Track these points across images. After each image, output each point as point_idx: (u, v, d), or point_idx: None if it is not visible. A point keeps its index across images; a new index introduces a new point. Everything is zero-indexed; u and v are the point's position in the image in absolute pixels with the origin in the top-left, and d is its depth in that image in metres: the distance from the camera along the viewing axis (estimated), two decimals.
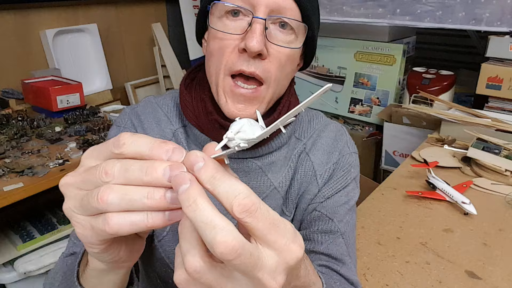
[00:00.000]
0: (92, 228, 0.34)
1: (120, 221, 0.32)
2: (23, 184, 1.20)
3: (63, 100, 1.69)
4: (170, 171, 0.32)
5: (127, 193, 0.32)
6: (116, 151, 0.34)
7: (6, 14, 1.81)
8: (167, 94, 0.79)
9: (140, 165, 0.32)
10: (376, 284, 0.80)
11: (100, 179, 0.33)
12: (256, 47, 0.58)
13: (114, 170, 0.33)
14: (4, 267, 1.41)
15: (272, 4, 0.60)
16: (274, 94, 0.66)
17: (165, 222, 0.33)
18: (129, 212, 0.32)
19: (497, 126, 1.36)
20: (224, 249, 0.29)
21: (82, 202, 0.34)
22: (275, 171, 0.74)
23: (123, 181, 0.32)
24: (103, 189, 0.32)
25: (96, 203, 0.32)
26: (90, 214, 0.34)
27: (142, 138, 0.34)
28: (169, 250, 0.79)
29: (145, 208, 0.32)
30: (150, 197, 0.32)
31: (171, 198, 0.32)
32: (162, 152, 0.33)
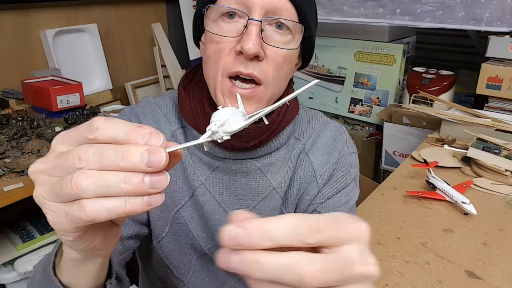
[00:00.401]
0: (66, 215, 0.32)
1: (96, 207, 0.31)
2: (23, 184, 1.20)
3: (63, 100, 1.69)
4: (148, 156, 0.30)
5: (102, 178, 0.30)
6: (89, 136, 0.32)
7: (6, 14, 1.81)
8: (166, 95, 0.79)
9: (116, 150, 0.31)
10: (376, 284, 0.80)
11: (73, 164, 0.31)
12: (252, 50, 0.58)
13: (88, 155, 0.31)
14: (4, 267, 1.41)
15: (268, 5, 0.60)
16: (273, 95, 0.66)
17: (144, 207, 0.31)
18: (105, 198, 0.31)
19: (497, 126, 1.36)
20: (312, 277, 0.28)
21: (54, 189, 0.32)
22: (274, 171, 0.74)
23: (98, 166, 0.31)
24: (76, 174, 0.31)
25: (70, 189, 0.31)
26: (64, 201, 0.32)
27: (117, 122, 0.32)
28: (168, 251, 0.79)
29: (122, 194, 0.31)
30: (127, 181, 0.30)
31: (150, 182, 0.31)
32: (139, 136, 0.31)
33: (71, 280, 0.46)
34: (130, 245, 0.71)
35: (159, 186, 0.31)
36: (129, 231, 0.70)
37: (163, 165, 0.31)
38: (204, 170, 0.73)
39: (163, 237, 0.77)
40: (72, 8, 2.05)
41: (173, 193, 0.75)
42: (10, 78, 1.85)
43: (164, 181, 0.31)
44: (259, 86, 0.62)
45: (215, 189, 0.73)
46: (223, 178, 0.72)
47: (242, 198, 0.74)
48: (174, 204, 0.75)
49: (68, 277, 0.46)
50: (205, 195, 0.73)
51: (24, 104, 1.83)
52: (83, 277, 0.46)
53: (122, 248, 0.69)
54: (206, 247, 0.77)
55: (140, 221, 0.74)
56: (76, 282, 0.46)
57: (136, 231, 0.72)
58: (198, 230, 0.76)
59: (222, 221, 0.75)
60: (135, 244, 0.74)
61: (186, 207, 0.75)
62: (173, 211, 0.75)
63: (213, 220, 0.75)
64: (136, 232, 0.72)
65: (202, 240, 0.77)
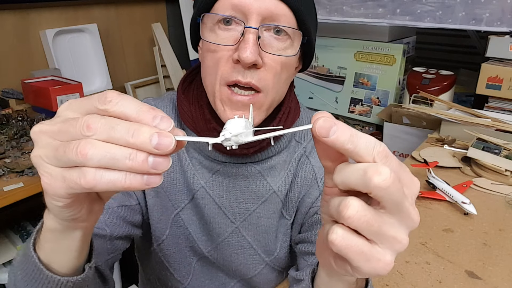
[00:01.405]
0: (64, 180, 0.33)
1: (97, 177, 0.31)
2: (23, 184, 1.20)
3: (63, 100, 1.69)
4: (158, 138, 0.31)
5: (109, 151, 0.31)
6: (100, 106, 0.33)
7: (6, 14, 1.81)
8: (166, 97, 0.79)
9: (127, 126, 0.31)
10: (376, 284, 0.80)
11: (80, 131, 0.32)
12: (249, 58, 0.56)
13: (98, 125, 0.31)
14: (4, 267, 1.41)
15: (265, 11, 0.58)
16: (273, 101, 0.65)
17: (142, 185, 0.32)
18: (107, 169, 0.32)
19: (497, 126, 1.36)
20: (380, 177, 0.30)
21: (57, 153, 0.33)
22: (275, 175, 0.74)
23: (106, 138, 0.31)
24: (83, 142, 0.31)
25: (74, 156, 0.31)
26: (64, 165, 0.33)
27: (130, 99, 0.33)
28: (168, 254, 0.79)
29: (125, 169, 0.31)
30: (132, 158, 0.31)
31: (153, 163, 0.31)
32: (150, 117, 0.32)
33: (49, 256, 0.45)
34: (119, 245, 0.70)
35: (161, 168, 0.32)
36: (120, 231, 0.69)
37: (170, 150, 0.31)
38: (204, 173, 0.73)
39: (163, 240, 0.77)
40: (72, 8, 2.05)
41: (173, 196, 0.74)
42: (10, 78, 1.85)
43: (166, 164, 0.32)
44: (258, 94, 0.61)
45: (215, 192, 0.73)
46: (223, 182, 0.72)
47: (242, 201, 0.74)
48: (174, 207, 0.75)
49: (46, 252, 0.45)
50: (205, 198, 0.73)
51: (24, 104, 1.83)
52: (62, 252, 0.44)
53: (111, 247, 0.68)
54: (206, 250, 0.77)
55: (132, 222, 0.73)
56: (54, 259, 0.45)
57: (127, 232, 0.71)
58: (198, 233, 0.76)
59: (221, 224, 0.75)
60: (125, 245, 0.72)
61: (186, 210, 0.75)
62: (173, 214, 0.75)
63: (213, 223, 0.75)
64: (127, 233, 0.71)
65: (202, 243, 0.77)
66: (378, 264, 0.34)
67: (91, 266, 0.49)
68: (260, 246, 0.77)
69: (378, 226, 0.32)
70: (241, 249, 0.77)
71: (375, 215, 0.32)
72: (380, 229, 0.33)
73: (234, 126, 0.36)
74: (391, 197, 0.32)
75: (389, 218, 0.33)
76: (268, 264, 0.79)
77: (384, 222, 0.33)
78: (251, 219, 0.75)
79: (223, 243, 0.76)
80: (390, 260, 0.34)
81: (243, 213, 0.74)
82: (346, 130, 0.32)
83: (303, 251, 0.72)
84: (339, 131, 0.32)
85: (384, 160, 0.32)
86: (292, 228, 0.78)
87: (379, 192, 0.31)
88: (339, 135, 0.32)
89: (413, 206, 0.34)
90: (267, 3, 0.58)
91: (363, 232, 0.33)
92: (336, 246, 0.33)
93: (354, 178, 0.32)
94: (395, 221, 0.33)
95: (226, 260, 0.77)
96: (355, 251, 0.33)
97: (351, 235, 0.33)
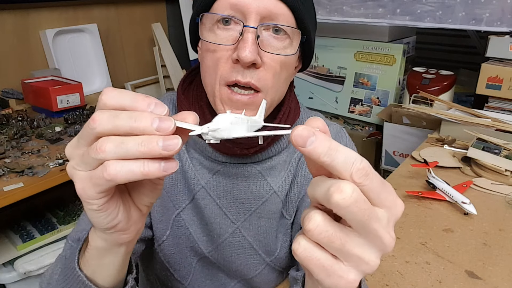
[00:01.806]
0: (91, 179, 0.36)
1: (117, 168, 0.34)
2: (23, 184, 1.20)
3: (63, 100, 1.69)
4: (158, 121, 0.34)
5: (123, 141, 0.34)
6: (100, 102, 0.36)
7: (6, 14, 1.81)
8: (166, 97, 0.79)
9: (129, 113, 0.34)
10: (376, 284, 0.80)
11: (88, 127, 0.35)
12: (248, 58, 0.56)
13: (101, 117, 0.34)
14: (4, 267, 1.41)
15: (263, 10, 0.58)
16: (273, 101, 0.65)
17: (160, 172, 0.34)
18: (126, 160, 0.34)
19: (497, 126, 1.36)
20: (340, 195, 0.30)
21: (83, 158, 0.36)
22: (275, 175, 0.74)
23: (112, 127, 0.34)
24: (101, 140, 0.34)
25: (95, 154, 0.34)
26: (91, 168, 0.36)
27: (125, 91, 0.36)
28: (168, 254, 0.79)
29: (140, 155, 0.34)
30: (144, 144, 0.33)
31: (163, 145, 0.33)
32: (145, 104, 0.35)
33: (95, 272, 0.47)
34: (136, 249, 0.72)
35: (171, 148, 0.34)
36: None
37: (171, 131, 0.34)
38: (205, 174, 0.73)
39: (164, 240, 0.77)
40: (72, 8, 2.05)
41: (174, 196, 0.75)
42: (10, 78, 1.85)
43: (175, 143, 0.34)
44: (258, 93, 0.61)
45: (216, 193, 0.73)
46: (224, 182, 0.72)
47: (242, 202, 0.74)
48: (175, 207, 0.75)
49: (91, 268, 0.47)
50: (206, 199, 0.73)
51: (24, 104, 1.83)
52: (107, 268, 0.47)
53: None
54: (206, 250, 0.77)
55: (145, 224, 0.74)
56: (99, 274, 0.47)
57: (142, 235, 0.73)
58: (199, 233, 0.76)
59: (222, 224, 0.75)
60: (141, 248, 0.74)
61: (187, 210, 0.75)
62: (174, 214, 0.75)
63: (214, 223, 0.75)
64: (142, 236, 0.73)
65: (203, 243, 0.77)
66: (340, 281, 0.33)
67: (133, 277, 0.51)
68: (261, 246, 0.77)
69: (340, 244, 0.32)
70: (242, 250, 0.77)
71: (339, 231, 0.32)
72: (343, 246, 0.32)
73: (219, 121, 0.37)
74: (353, 217, 0.31)
75: (356, 237, 0.32)
76: (268, 265, 0.79)
77: (350, 240, 0.32)
78: (252, 219, 0.75)
79: (224, 244, 0.76)
80: (353, 279, 0.33)
81: (244, 214, 0.74)
82: (325, 142, 0.31)
83: None
84: (317, 142, 0.31)
85: (362, 178, 0.31)
86: (292, 228, 0.78)
87: (339, 210, 0.31)
88: (317, 146, 0.31)
89: (387, 229, 0.33)
90: (266, 2, 0.58)
91: (325, 247, 0.33)
92: (298, 256, 0.33)
93: (320, 193, 0.32)
94: (363, 241, 0.33)
95: (227, 261, 0.77)
96: (316, 264, 0.33)
97: (314, 248, 0.33)
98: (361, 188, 0.31)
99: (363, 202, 0.31)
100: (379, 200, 0.32)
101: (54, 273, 0.55)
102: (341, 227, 0.32)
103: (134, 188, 0.43)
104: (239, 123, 0.38)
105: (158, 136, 0.33)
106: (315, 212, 0.32)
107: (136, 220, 0.44)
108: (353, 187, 0.30)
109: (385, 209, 0.32)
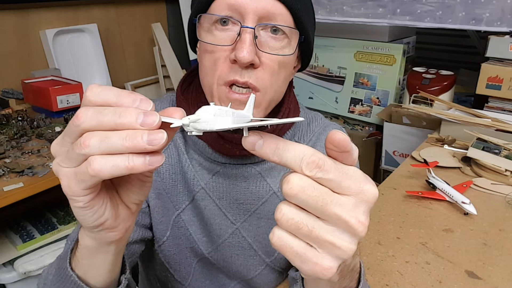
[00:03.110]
0: (76, 175, 0.35)
1: (102, 162, 0.34)
2: (23, 184, 1.20)
3: (63, 100, 1.69)
4: (143, 116, 0.33)
5: (106, 135, 0.34)
6: (85, 99, 0.36)
7: (6, 14, 1.81)
8: (165, 98, 0.79)
9: (114, 109, 0.34)
10: (376, 284, 0.80)
11: (72, 124, 0.35)
12: (246, 58, 0.56)
13: (85, 113, 0.34)
14: (4, 267, 1.41)
15: (261, 11, 0.58)
16: (271, 100, 0.65)
17: (146, 165, 0.34)
18: (111, 155, 0.34)
19: (497, 126, 1.36)
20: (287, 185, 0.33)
21: (68, 154, 0.36)
22: (274, 175, 0.74)
23: (96, 123, 0.34)
24: (85, 135, 0.34)
25: (79, 149, 0.34)
26: (76, 164, 0.35)
27: (110, 88, 0.36)
28: (168, 255, 0.79)
29: (124, 150, 0.34)
30: (128, 139, 0.33)
31: (148, 139, 0.33)
32: (130, 100, 0.35)
33: (86, 272, 0.47)
34: (135, 249, 0.71)
35: (156, 142, 0.33)
36: (135, 236, 0.70)
37: (156, 126, 0.34)
38: (204, 174, 0.73)
39: (164, 241, 0.77)
40: (72, 8, 2.05)
41: (173, 197, 0.75)
42: (10, 78, 1.85)
43: (160, 137, 0.34)
44: (256, 93, 0.61)
45: (215, 194, 0.73)
46: (223, 183, 0.72)
47: (242, 202, 0.74)
48: (175, 208, 0.75)
49: (83, 269, 0.47)
50: (205, 200, 0.73)
51: (24, 104, 1.83)
52: (98, 268, 0.47)
53: (128, 252, 0.69)
54: (206, 251, 0.77)
55: (144, 225, 0.74)
56: (91, 274, 0.47)
57: (141, 236, 0.72)
58: (199, 234, 0.76)
59: (222, 225, 0.75)
60: (141, 248, 0.74)
61: (187, 211, 0.75)
62: (174, 215, 0.75)
63: (213, 224, 0.75)
64: (141, 237, 0.72)
65: (202, 244, 0.77)
66: (315, 267, 0.35)
67: (126, 277, 0.51)
68: (261, 247, 0.77)
69: (308, 230, 0.34)
70: (242, 250, 0.76)
71: (306, 219, 0.34)
72: (311, 233, 0.34)
73: (200, 112, 0.37)
74: (306, 204, 0.33)
75: (323, 224, 0.34)
76: (268, 265, 0.79)
77: (318, 227, 0.34)
78: (251, 220, 0.75)
79: (224, 244, 0.76)
80: (329, 266, 0.35)
81: (243, 214, 0.74)
82: (272, 144, 0.34)
83: None
84: (265, 145, 0.34)
85: (314, 171, 0.33)
86: None
87: (290, 199, 0.33)
88: (265, 148, 0.34)
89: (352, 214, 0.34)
90: (263, 2, 0.58)
91: (295, 234, 0.34)
92: (273, 245, 0.35)
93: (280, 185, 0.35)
94: (331, 228, 0.34)
95: (226, 261, 0.77)
96: (290, 252, 0.35)
97: (287, 236, 0.35)
98: (316, 180, 0.33)
99: (313, 190, 0.33)
100: (341, 188, 0.34)
101: (49, 273, 0.54)
102: (309, 215, 0.34)
103: (121, 186, 0.42)
104: (223, 115, 0.38)
105: (142, 131, 0.33)
106: (282, 203, 0.35)
107: (125, 218, 0.43)
108: (300, 177, 0.33)
109: (351, 197, 0.34)
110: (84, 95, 0.36)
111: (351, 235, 0.34)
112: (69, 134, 0.36)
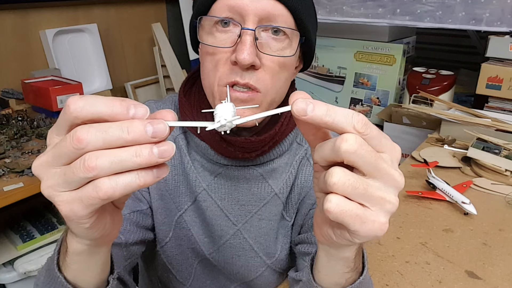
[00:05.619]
0: (81, 200, 0.33)
1: (112, 184, 0.31)
2: (23, 184, 1.20)
3: (63, 100, 1.69)
4: (152, 127, 0.31)
5: (115, 154, 0.31)
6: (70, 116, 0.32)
7: (6, 14, 1.81)
8: (167, 99, 0.79)
9: (119, 125, 0.31)
10: (376, 284, 0.80)
11: (72, 147, 0.31)
12: (247, 60, 0.56)
13: (88, 135, 0.31)
14: (4, 267, 1.41)
15: (261, 12, 0.58)
16: (273, 101, 0.65)
17: (154, 179, 0.33)
18: (119, 174, 0.32)
19: (497, 126, 1.36)
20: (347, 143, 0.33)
21: (66, 177, 0.32)
22: (276, 177, 0.74)
23: (102, 144, 0.31)
24: (87, 156, 0.31)
25: (83, 172, 0.31)
26: (76, 186, 0.33)
27: (93, 98, 0.32)
28: (171, 256, 0.79)
29: (135, 167, 0.32)
30: (138, 154, 0.31)
31: (159, 152, 0.32)
32: (124, 110, 0.32)
33: (76, 276, 0.46)
34: (135, 250, 0.71)
35: (167, 154, 0.32)
36: (134, 237, 0.70)
37: (166, 135, 0.32)
38: (206, 176, 0.73)
39: (166, 242, 0.77)
40: (72, 8, 2.05)
41: (176, 198, 0.75)
42: (10, 78, 1.85)
43: (170, 149, 0.32)
44: (258, 92, 0.61)
45: (217, 195, 0.73)
46: (225, 184, 0.72)
47: (244, 204, 0.74)
48: (177, 209, 0.75)
49: (74, 273, 0.46)
50: (207, 201, 0.73)
51: (24, 104, 1.83)
52: (89, 271, 0.46)
53: (127, 253, 0.69)
54: (207, 252, 0.77)
55: (145, 226, 0.74)
56: (81, 278, 0.46)
57: (142, 237, 0.72)
58: (200, 235, 0.76)
59: (223, 226, 0.75)
60: (141, 250, 0.74)
61: (189, 212, 0.75)
62: (176, 216, 0.75)
63: (215, 225, 0.75)
64: (142, 238, 0.72)
65: (204, 245, 0.77)
66: (374, 225, 0.35)
67: (114, 277, 0.50)
68: (261, 248, 0.77)
69: (363, 189, 0.34)
70: (243, 251, 0.77)
71: (358, 179, 0.34)
72: (366, 191, 0.34)
73: (224, 111, 0.37)
74: (362, 160, 0.34)
75: (373, 181, 0.35)
76: (269, 267, 0.79)
77: (369, 185, 0.35)
78: (253, 221, 0.75)
79: (225, 245, 0.76)
80: (385, 221, 0.36)
81: (245, 216, 0.74)
82: (322, 106, 0.34)
83: (302, 251, 0.72)
84: (316, 108, 0.34)
85: (364, 128, 0.34)
86: (292, 229, 0.78)
87: (349, 157, 0.33)
88: (316, 111, 0.34)
89: (393, 168, 0.36)
90: (264, 3, 0.58)
91: (351, 196, 0.34)
92: (332, 213, 0.34)
93: (328, 151, 0.35)
94: (380, 184, 0.35)
95: (227, 263, 0.77)
96: (350, 215, 0.35)
97: (345, 201, 0.35)
98: (364, 137, 0.34)
99: (367, 146, 0.34)
100: (381, 145, 0.35)
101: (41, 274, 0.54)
102: (358, 175, 0.35)
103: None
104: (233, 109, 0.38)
105: (151, 145, 0.32)
106: (334, 168, 0.34)
107: (119, 220, 0.43)
108: (355, 135, 0.34)
109: (387, 153, 0.36)
110: (65, 111, 0.32)
111: (395, 188, 0.36)
112: (65, 156, 0.32)
